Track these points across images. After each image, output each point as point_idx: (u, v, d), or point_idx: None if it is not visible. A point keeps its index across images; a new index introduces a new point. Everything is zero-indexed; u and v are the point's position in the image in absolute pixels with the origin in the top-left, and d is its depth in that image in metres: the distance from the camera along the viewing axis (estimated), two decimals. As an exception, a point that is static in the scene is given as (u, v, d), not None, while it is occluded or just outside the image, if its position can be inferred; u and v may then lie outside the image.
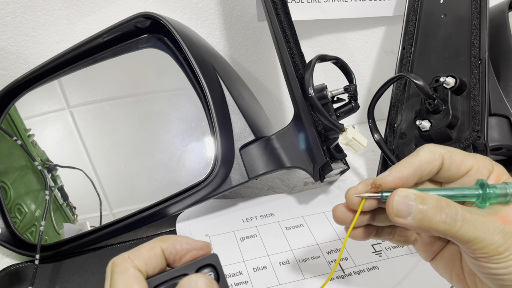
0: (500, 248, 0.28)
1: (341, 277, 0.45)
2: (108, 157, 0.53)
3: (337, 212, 0.32)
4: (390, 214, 0.29)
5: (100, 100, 0.54)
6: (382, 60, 0.77)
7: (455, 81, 0.53)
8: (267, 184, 0.62)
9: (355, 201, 0.31)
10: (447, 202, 0.29)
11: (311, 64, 0.49)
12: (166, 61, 0.52)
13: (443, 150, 0.31)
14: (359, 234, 0.33)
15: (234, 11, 0.65)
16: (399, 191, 0.29)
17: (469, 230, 0.28)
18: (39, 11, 0.57)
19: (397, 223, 0.29)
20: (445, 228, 0.28)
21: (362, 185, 0.31)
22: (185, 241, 0.28)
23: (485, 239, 0.28)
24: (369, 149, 0.68)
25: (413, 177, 0.30)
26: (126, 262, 0.26)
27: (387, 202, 0.29)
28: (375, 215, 0.32)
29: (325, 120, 0.49)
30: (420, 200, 0.28)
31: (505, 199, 0.30)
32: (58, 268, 0.48)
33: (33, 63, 0.59)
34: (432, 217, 0.28)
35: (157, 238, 0.28)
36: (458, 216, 0.28)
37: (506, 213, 0.29)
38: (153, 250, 0.27)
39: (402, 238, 0.35)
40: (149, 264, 0.26)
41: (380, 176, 0.30)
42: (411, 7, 0.61)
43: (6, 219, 0.51)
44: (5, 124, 0.53)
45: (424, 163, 0.30)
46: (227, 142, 0.50)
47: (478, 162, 0.31)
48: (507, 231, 0.28)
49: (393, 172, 0.30)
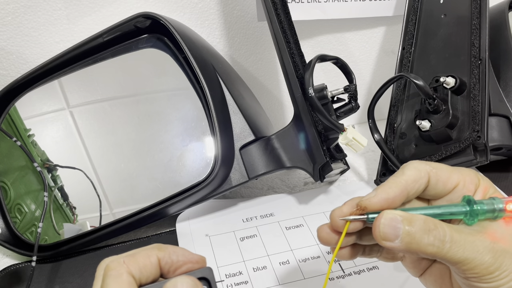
0: (491, 267, 0.27)
1: (341, 277, 0.45)
2: (108, 157, 0.53)
3: (321, 233, 0.31)
4: (376, 237, 0.28)
5: (100, 100, 0.54)
6: (382, 60, 0.77)
7: (455, 81, 0.53)
8: (267, 184, 0.62)
9: (339, 224, 0.30)
10: (434, 224, 0.28)
11: (311, 64, 0.49)
12: (166, 61, 0.52)
13: (429, 167, 0.30)
14: (345, 254, 0.32)
15: (234, 11, 0.65)
16: (385, 213, 0.28)
17: (458, 251, 0.27)
18: (39, 11, 0.57)
19: (384, 246, 0.28)
20: (434, 250, 0.27)
21: (347, 207, 0.30)
22: (182, 253, 0.27)
23: (475, 259, 0.27)
24: (369, 149, 0.68)
25: (399, 197, 0.29)
26: (121, 267, 0.25)
27: (373, 225, 0.28)
28: (361, 234, 0.32)
29: (325, 120, 0.49)
30: (407, 222, 0.28)
31: (493, 215, 0.29)
32: (58, 268, 0.48)
33: (33, 63, 0.59)
34: (420, 239, 0.27)
35: (154, 245, 0.27)
36: (446, 238, 0.27)
37: (495, 229, 0.29)
38: (149, 258, 0.26)
39: (390, 255, 0.34)
40: (143, 272, 0.26)
41: (365, 198, 0.30)
42: (411, 7, 0.61)
43: (6, 219, 0.51)
44: (5, 124, 0.53)
45: (410, 182, 0.30)
46: (227, 142, 0.50)
47: (464, 177, 0.31)
48: (497, 249, 0.27)
49: (379, 193, 0.29)
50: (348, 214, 0.30)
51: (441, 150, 0.53)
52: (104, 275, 0.25)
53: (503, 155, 0.61)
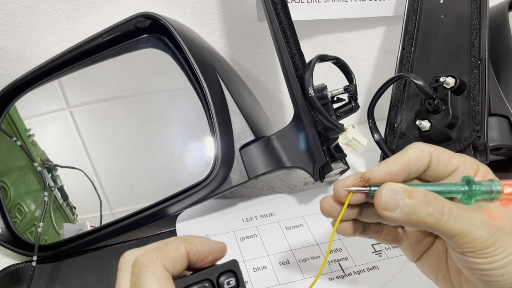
0: (487, 242, 0.28)
1: (341, 277, 0.45)
2: (108, 157, 0.53)
3: (324, 204, 0.32)
4: (378, 207, 0.29)
5: (100, 100, 0.54)
6: (382, 60, 0.77)
7: (455, 81, 0.53)
8: (267, 184, 0.62)
9: (342, 194, 0.31)
10: (434, 196, 0.29)
11: (311, 64, 0.49)
12: (166, 61, 0.52)
13: (431, 148, 0.31)
14: (346, 228, 0.33)
15: (234, 11, 0.65)
16: (387, 184, 0.29)
17: (456, 224, 0.28)
18: (39, 11, 0.57)
19: (384, 216, 0.29)
20: (432, 221, 0.28)
21: (351, 179, 0.31)
22: (207, 243, 0.28)
23: (472, 232, 0.28)
24: (369, 149, 0.68)
25: (401, 173, 0.30)
26: (155, 262, 0.25)
27: (375, 196, 0.29)
28: (362, 210, 0.33)
29: (325, 120, 0.49)
30: (408, 194, 0.29)
31: (490, 196, 0.30)
32: (58, 268, 0.48)
33: (33, 63, 0.59)
34: (420, 210, 0.28)
35: (180, 238, 0.28)
36: (445, 210, 0.28)
37: (492, 209, 0.30)
38: (179, 251, 0.27)
39: (388, 236, 0.35)
40: (175, 266, 0.26)
41: (369, 170, 0.31)
42: (411, 7, 0.61)
43: (6, 219, 0.51)
44: (5, 124, 0.53)
45: (413, 160, 0.31)
46: (227, 142, 0.50)
47: (465, 162, 0.32)
48: (493, 225, 0.28)
49: (382, 166, 0.30)
50: (351, 185, 0.31)
51: (441, 150, 0.53)
52: (137, 271, 0.25)
53: (503, 155, 0.61)
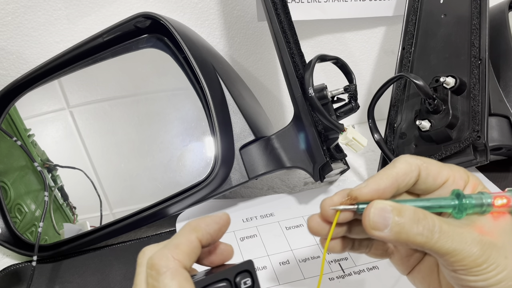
0: (479, 260, 0.27)
1: (341, 277, 0.45)
2: (108, 157, 0.53)
3: (311, 223, 0.31)
4: (366, 226, 0.28)
5: (100, 100, 0.54)
6: (382, 60, 0.77)
7: (455, 81, 0.53)
8: (267, 184, 0.62)
9: (330, 213, 0.30)
10: (424, 214, 0.28)
11: (311, 64, 0.49)
12: (166, 61, 0.52)
13: (420, 161, 0.31)
14: (335, 246, 0.32)
15: (234, 11, 0.65)
16: (375, 202, 0.28)
17: (447, 242, 0.27)
18: (39, 11, 0.57)
19: (373, 236, 0.28)
20: (423, 240, 0.27)
21: (338, 196, 0.30)
22: (213, 221, 0.28)
23: (463, 250, 0.27)
24: (369, 149, 0.68)
25: (390, 189, 0.30)
26: (173, 262, 0.25)
27: (363, 215, 0.29)
28: (351, 227, 0.32)
29: (325, 120, 0.49)
30: (397, 212, 0.28)
31: (481, 209, 0.29)
32: (58, 268, 0.48)
33: (33, 63, 0.59)
34: (410, 229, 0.27)
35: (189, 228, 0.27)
36: (435, 228, 0.27)
37: (483, 223, 0.29)
38: (192, 243, 0.26)
39: (378, 251, 0.34)
40: (191, 259, 0.26)
41: (356, 188, 0.30)
42: (411, 7, 0.61)
43: (6, 219, 0.51)
44: (5, 124, 0.53)
45: (401, 175, 0.30)
46: (227, 142, 0.50)
47: (454, 173, 0.31)
48: (485, 241, 0.28)
49: (370, 184, 0.29)
50: (339, 204, 0.30)
51: (441, 150, 0.53)
52: (156, 274, 0.25)
53: (503, 155, 0.61)
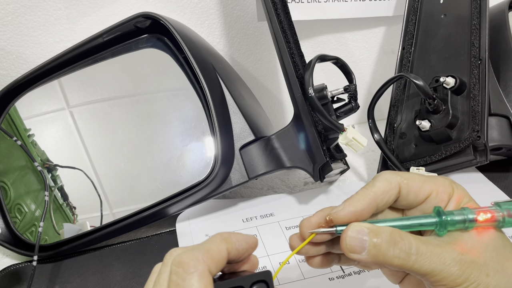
0: (458, 279, 0.27)
1: (341, 277, 0.45)
2: (108, 157, 0.53)
3: (292, 242, 0.31)
4: (344, 250, 0.28)
5: (100, 100, 0.54)
6: (382, 60, 0.77)
7: (455, 81, 0.53)
8: (267, 184, 0.62)
9: (307, 236, 0.30)
10: (400, 235, 0.28)
11: (311, 64, 0.49)
12: (166, 61, 0.52)
13: (400, 178, 0.30)
14: (318, 263, 0.32)
15: (234, 11, 0.65)
16: (352, 226, 0.28)
17: (425, 263, 0.27)
18: (39, 11, 0.57)
19: (351, 258, 0.28)
20: (400, 263, 0.27)
21: (316, 218, 0.31)
22: (244, 240, 0.28)
23: (442, 271, 0.27)
24: (369, 149, 0.68)
25: (368, 209, 0.29)
26: (201, 264, 0.25)
27: (341, 238, 0.29)
28: (334, 243, 0.32)
29: (325, 120, 0.49)
30: (374, 235, 0.28)
31: (464, 225, 0.29)
32: (58, 268, 0.48)
33: (33, 63, 0.59)
34: (386, 252, 0.27)
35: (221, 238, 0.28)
36: (412, 250, 0.27)
37: (465, 240, 0.29)
38: (221, 253, 0.27)
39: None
40: (217, 267, 0.26)
41: (333, 211, 0.30)
42: (411, 7, 0.61)
43: (6, 219, 0.51)
44: (5, 124, 0.53)
45: (380, 194, 0.30)
46: (227, 142, 0.50)
47: (438, 187, 0.30)
48: (465, 260, 0.27)
49: (347, 206, 0.29)
50: (317, 225, 0.30)
51: (441, 150, 0.53)
52: (182, 272, 0.25)
53: (503, 155, 0.61)
